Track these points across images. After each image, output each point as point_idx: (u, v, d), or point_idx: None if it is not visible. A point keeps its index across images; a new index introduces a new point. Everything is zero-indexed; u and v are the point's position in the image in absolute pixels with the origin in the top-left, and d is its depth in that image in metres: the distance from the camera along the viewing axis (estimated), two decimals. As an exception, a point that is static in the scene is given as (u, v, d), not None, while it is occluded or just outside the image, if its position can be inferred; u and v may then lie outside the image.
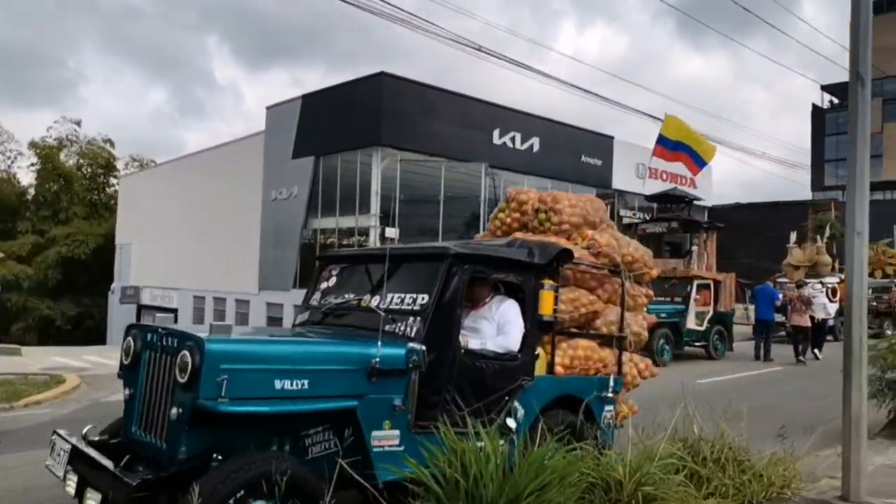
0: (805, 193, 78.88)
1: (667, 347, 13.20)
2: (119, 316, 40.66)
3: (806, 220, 35.95)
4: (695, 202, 16.14)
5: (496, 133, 28.56)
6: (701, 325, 13.93)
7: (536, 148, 30.17)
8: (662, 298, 14.28)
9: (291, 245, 28.27)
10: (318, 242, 27.59)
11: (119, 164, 50.13)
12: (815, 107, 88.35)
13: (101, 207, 48.47)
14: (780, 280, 20.58)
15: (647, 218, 37.17)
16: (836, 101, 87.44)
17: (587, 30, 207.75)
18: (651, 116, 23.77)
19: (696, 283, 14.05)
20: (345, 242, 26.77)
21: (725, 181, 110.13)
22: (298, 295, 28.96)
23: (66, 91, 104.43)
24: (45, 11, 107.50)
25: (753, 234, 37.50)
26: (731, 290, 14.76)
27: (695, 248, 14.00)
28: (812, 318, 17.12)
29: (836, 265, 28.45)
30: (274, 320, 29.22)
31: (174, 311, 36.17)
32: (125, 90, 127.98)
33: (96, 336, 42.66)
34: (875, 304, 21.10)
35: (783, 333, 18.64)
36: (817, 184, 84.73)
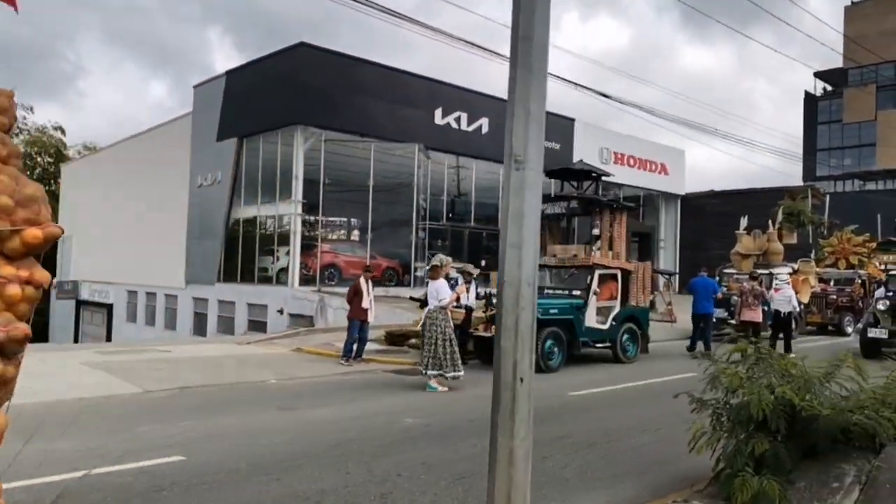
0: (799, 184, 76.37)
1: (556, 350, 10.97)
2: (60, 313, 38.53)
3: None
4: (603, 178, 13.77)
5: (438, 112, 26.30)
6: (604, 323, 11.69)
7: (486, 129, 27.91)
8: (561, 291, 12.08)
9: (215, 235, 26.08)
10: (241, 233, 25.37)
11: (72, 153, 47.95)
12: (807, 94, 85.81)
13: (52, 198, 46.26)
14: (726, 271, 18.40)
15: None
16: (829, 87, 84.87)
17: (590, 21, 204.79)
18: (647, 111, 21.66)
19: (597, 272, 11.78)
20: (266, 232, 24.54)
21: (726, 175, 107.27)
22: (223, 290, 27.02)
23: (68, 84, 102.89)
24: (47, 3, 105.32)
25: (727, 223, 35.21)
26: (644, 281, 12.54)
27: (595, 231, 11.79)
28: (778, 312, 15.20)
29: (813, 255, 26.31)
30: (200, 317, 27.08)
31: (109, 306, 34.02)
32: (125, 83, 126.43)
33: (41, 334, 40.51)
34: (835, 297, 18.95)
35: (727, 331, 16.47)
36: (809, 173, 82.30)
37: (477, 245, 28.91)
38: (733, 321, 16.39)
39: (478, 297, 11.97)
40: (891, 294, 14.25)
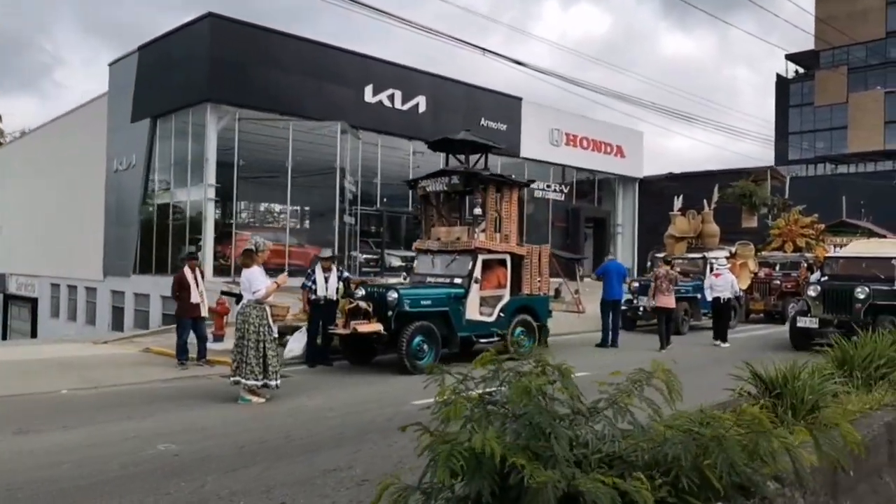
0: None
1: (426, 347, 9.40)
2: (-11, 308, 36.52)
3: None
4: (494, 150, 12.20)
5: (368, 90, 24.59)
6: (491, 315, 10.14)
7: (423, 108, 26.26)
8: (443, 279, 10.50)
9: (131, 224, 24.28)
10: (155, 221, 23.57)
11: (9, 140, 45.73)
12: (779, 77, 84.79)
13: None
14: (658, 255, 16.96)
15: (558, 189, 33.60)
16: (801, 70, 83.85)
17: (571, 8, 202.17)
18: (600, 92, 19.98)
19: (480, 258, 10.23)
20: (181, 220, 22.76)
21: (708, 162, 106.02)
22: (139, 282, 25.18)
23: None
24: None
25: (686, 206, 33.96)
26: (539, 267, 10.98)
27: (477, 210, 10.23)
28: (717, 299, 13.91)
29: (790, 247, 24.98)
30: (117, 311, 25.30)
31: (34, 300, 32.10)
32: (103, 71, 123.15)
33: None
34: (780, 282, 17.60)
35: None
36: (782, 157, 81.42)
37: (409, 231, 27.35)
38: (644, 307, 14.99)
39: (346, 287, 10.39)
40: (825, 279, 12.87)
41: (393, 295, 9.31)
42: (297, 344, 10.38)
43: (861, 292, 11.39)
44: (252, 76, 21.36)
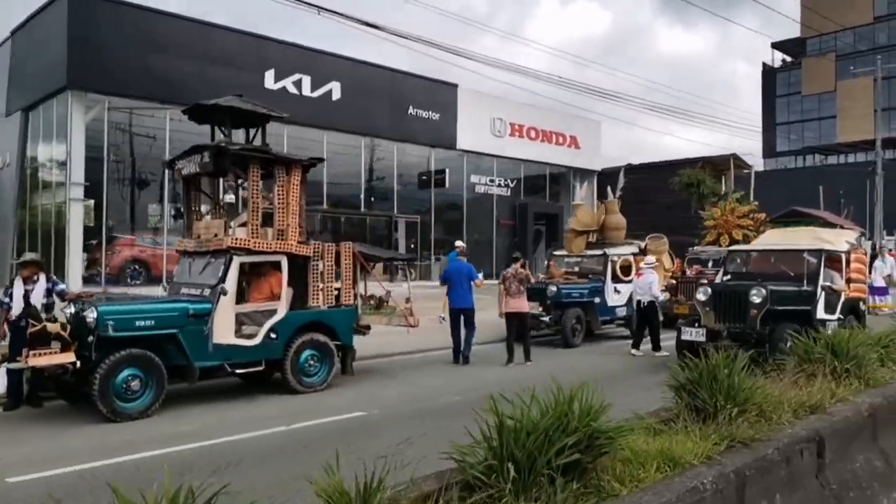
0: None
1: (136, 384, 6.74)
2: None
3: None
4: (273, 119, 9.64)
5: (269, 75, 22.13)
6: (253, 337, 7.59)
7: (337, 95, 23.78)
8: (195, 290, 7.93)
9: (6, 229, 21.83)
10: (27, 225, 21.12)
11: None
12: (765, 66, 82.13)
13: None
14: (556, 253, 14.47)
15: (504, 183, 31.12)
16: (788, 59, 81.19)
17: (569, 5, 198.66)
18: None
19: (235, 260, 8.07)
20: (51, 223, 20.26)
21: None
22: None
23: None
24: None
25: (646, 200, 31.39)
26: (338, 271, 8.41)
27: (229, 197, 7.85)
28: (639, 303, 11.50)
29: (726, 240, 22.50)
30: None
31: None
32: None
33: None
34: (705, 281, 15.02)
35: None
36: (769, 149, 78.86)
37: (334, 230, 24.85)
38: (546, 318, 12.46)
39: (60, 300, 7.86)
40: (727, 278, 10.31)
41: (91, 314, 6.85)
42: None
43: (756, 295, 8.90)
44: (124, 61, 18.92)
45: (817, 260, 9.65)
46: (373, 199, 26.21)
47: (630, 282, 12.95)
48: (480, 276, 11.10)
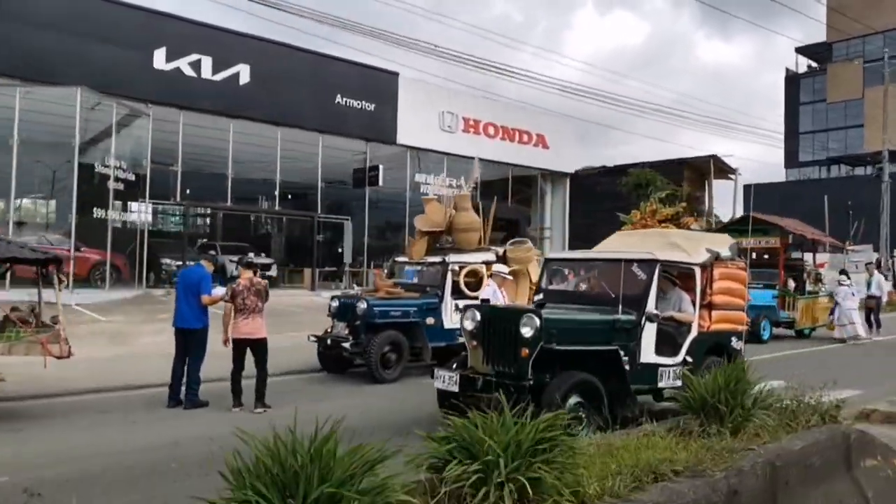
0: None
1: None
2: None
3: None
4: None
5: (160, 54, 19.68)
6: None
7: (245, 79, 21.24)
8: None
9: None
10: None
11: None
12: (788, 72, 77.79)
13: None
14: (399, 259, 11.54)
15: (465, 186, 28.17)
16: (813, 64, 76.76)
17: (606, 16, 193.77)
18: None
19: None
20: None
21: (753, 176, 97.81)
22: None
23: None
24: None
25: (623, 204, 28.30)
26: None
27: None
28: None
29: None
30: None
31: None
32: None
33: None
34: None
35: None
36: (791, 158, 74.55)
37: (240, 231, 22.31)
38: (347, 344, 9.59)
39: None
40: (538, 298, 7.31)
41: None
42: None
43: (527, 326, 5.96)
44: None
45: (647, 275, 6.66)
46: (290, 196, 23.58)
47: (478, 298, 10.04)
48: (218, 289, 8.32)
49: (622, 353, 6.32)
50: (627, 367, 6.30)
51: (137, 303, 17.44)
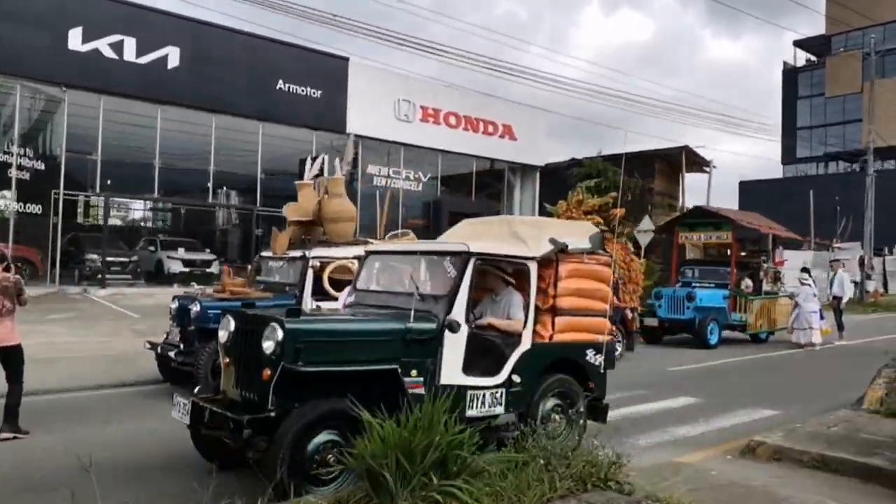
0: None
1: None
2: None
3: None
4: None
5: (75, 34, 18.36)
6: None
7: (175, 63, 19.91)
8: None
9: None
10: None
11: None
12: (786, 65, 75.98)
13: None
14: (265, 255, 10.17)
15: (416, 177, 26.83)
16: (811, 58, 74.94)
17: (612, 14, 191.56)
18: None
19: None
20: None
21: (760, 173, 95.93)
22: None
23: None
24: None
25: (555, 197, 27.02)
26: None
27: None
28: None
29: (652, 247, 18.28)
30: None
31: None
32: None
33: None
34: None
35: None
36: (789, 154, 72.75)
37: (176, 224, 21.00)
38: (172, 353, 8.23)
39: None
40: (351, 300, 5.87)
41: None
42: None
43: (269, 339, 4.41)
44: None
45: (458, 272, 5.30)
46: (224, 188, 22.24)
47: (345, 298, 8.69)
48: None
49: (414, 371, 4.95)
50: (422, 391, 4.93)
51: (45, 301, 16.19)
